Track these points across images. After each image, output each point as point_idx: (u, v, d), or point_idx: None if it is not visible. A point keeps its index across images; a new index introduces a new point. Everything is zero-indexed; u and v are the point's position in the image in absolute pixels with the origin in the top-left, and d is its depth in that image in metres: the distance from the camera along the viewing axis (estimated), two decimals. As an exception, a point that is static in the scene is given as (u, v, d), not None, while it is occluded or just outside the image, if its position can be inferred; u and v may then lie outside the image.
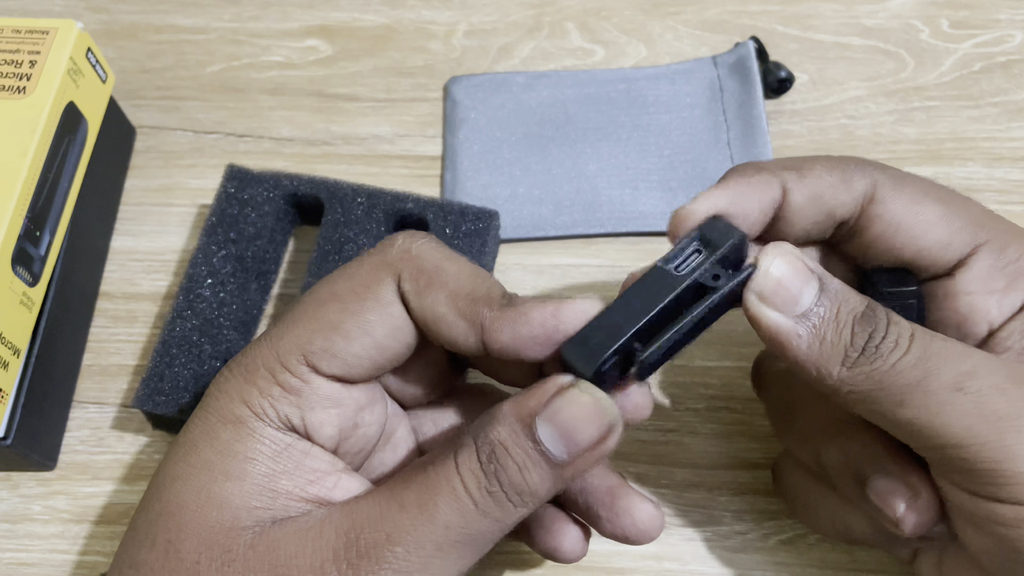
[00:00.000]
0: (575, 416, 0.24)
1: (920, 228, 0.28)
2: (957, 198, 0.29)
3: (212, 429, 0.26)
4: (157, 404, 0.35)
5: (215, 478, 0.25)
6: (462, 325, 0.26)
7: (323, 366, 0.26)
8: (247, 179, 0.40)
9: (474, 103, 0.45)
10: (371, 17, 0.48)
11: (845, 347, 0.25)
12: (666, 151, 0.43)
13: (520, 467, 0.24)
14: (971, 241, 0.28)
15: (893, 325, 0.25)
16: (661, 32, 0.47)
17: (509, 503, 0.24)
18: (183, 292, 0.38)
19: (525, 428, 0.24)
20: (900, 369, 0.25)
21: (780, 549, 0.35)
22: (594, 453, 0.24)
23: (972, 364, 0.25)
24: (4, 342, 0.33)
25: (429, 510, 0.24)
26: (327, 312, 0.26)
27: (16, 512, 0.37)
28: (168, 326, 0.37)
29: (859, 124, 0.44)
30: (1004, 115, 0.44)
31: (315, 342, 0.26)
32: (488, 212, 0.39)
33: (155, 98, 0.46)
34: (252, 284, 0.39)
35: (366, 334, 0.26)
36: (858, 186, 0.29)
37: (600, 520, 0.28)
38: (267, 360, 0.26)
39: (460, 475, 0.24)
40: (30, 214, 0.34)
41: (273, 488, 0.25)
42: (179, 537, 0.25)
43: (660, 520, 0.28)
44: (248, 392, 0.26)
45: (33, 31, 0.37)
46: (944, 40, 0.46)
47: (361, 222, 0.38)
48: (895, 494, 0.28)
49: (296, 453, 0.26)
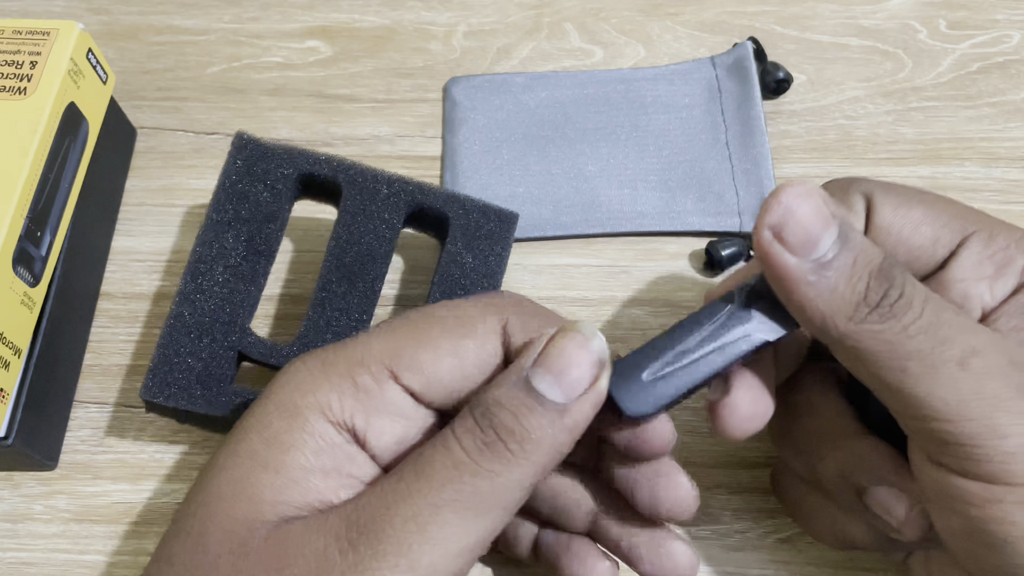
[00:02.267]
0: (565, 354, 0.24)
1: (909, 229, 0.28)
2: (940, 199, 0.29)
3: (266, 418, 0.25)
4: (168, 396, 0.34)
5: (255, 467, 0.25)
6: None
7: (405, 376, 0.26)
8: (258, 151, 0.37)
9: (473, 104, 0.45)
10: (371, 18, 0.48)
11: (857, 301, 0.24)
12: (665, 151, 0.43)
13: (515, 414, 0.24)
14: (959, 233, 0.28)
15: (910, 286, 0.25)
16: (660, 33, 0.48)
17: (508, 452, 0.24)
18: (190, 273, 0.35)
19: (520, 381, 0.24)
20: (911, 333, 0.24)
21: (779, 547, 0.35)
22: (590, 394, 0.24)
23: (979, 341, 0.25)
24: (5, 342, 0.33)
25: (425, 474, 0.23)
26: (426, 330, 0.26)
27: (17, 512, 0.37)
28: (175, 309, 0.35)
29: (857, 124, 0.44)
30: (1001, 115, 0.44)
31: (406, 350, 0.26)
32: (509, 214, 0.38)
33: (156, 99, 0.46)
34: (260, 268, 0.37)
35: (457, 359, 0.26)
36: (859, 207, 0.29)
37: (641, 562, 0.29)
38: (350, 360, 0.26)
39: (455, 437, 0.24)
40: (31, 214, 0.35)
41: (306, 484, 0.25)
42: (208, 529, 0.24)
43: (697, 565, 0.29)
44: (319, 384, 0.26)
45: (34, 32, 0.37)
46: (942, 40, 0.47)
47: (380, 211, 0.37)
48: (895, 502, 0.28)
49: (341, 455, 0.25)
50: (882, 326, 0.24)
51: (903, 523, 0.28)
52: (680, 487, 0.28)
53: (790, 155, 0.44)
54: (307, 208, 0.40)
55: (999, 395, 0.24)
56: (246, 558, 0.24)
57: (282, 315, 0.40)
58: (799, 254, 0.24)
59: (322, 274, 0.36)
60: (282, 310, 0.41)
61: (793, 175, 0.43)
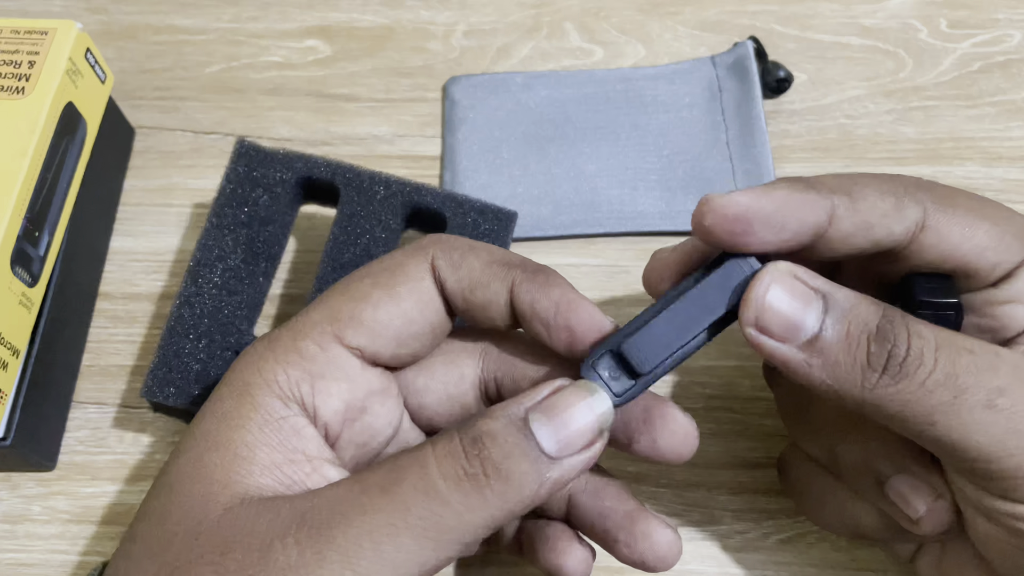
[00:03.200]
0: (573, 412, 0.24)
1: (973, 252, 0.27)
2: (1004, 213, 0.28)
3: (220, 399, 0.26)
4: (167, 395, 0.35)
5: (208, 447, 0.25)
6: (495, 286, 0.26)
7: (348, 335, 0.26)
8: (258, 157, 0.38)
9: (473, 103, 0.45)
10: (370, 17, 0.48)
11: (862, 368, 0.24)
12: (665, 151, 0.43)
13: (506, 454, 0.23)
14: (1019, 255, 0.27)
15: (915, 338, 0.24)
16: (660, 32, 0.47)
17: (487, 491, 0.23)
18: (190, 276, 0.36)
19: (518, 420, 0.24)
20: (929, 388, 0.24)
21: (780, 548, 0.35)
22: (583, 456, 0.24)
23: (1003, 379, 0.24)
24: (3, 342, 0.33)
25: (391, 491, 0.23)
26: (358, 287, 0.27)
27: (16, 512, 0.37)
28: (175, 312, 0.36)
29: (858, 124, 0.44)
30: (1002, 114, 0.44)
31: (343, 310, 0.26)
32: (507, 212, 0.38)
33: (154, 98, 0.46)
34: (261, 271, 0.38)
35: (394, 303, 0.26)
36: (911, 214, 0.26)
37: (617, 544, 0.27)
38: (293, 331, 0.26)
39: (434, 457, 0.23)
40: (29, 214, 0.34)
41: (252, 459, 0.25)
42: (168, 510, 0.25)
43: (679, 546, 0.27)
44: (264, 360, 0.26)
45: (32, 31, 0.37)
46: (943, 40, 0.46)
47: (377, 213, 0.37)
48: (916, 494, 0.28)
49: (286, 428, 0.25)
50: (897, 387, 0.24)
51: (923, 516, 0.28)
52: (660, 535, 0.27)
53: (790, 155, 0.44)
54: (308, 209, 0.40)
55: None
56: (198, 538, 0.24)
57: (282, 315, 0.40)
58: (787, 340, 0.24)
59: (319, 275, 0.37)
60: (283, 310, 0.41)
61: (793, 174, 0.43)
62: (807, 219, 0.26)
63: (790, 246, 0.26)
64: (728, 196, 0.25)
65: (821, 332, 0.24)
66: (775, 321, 0.24)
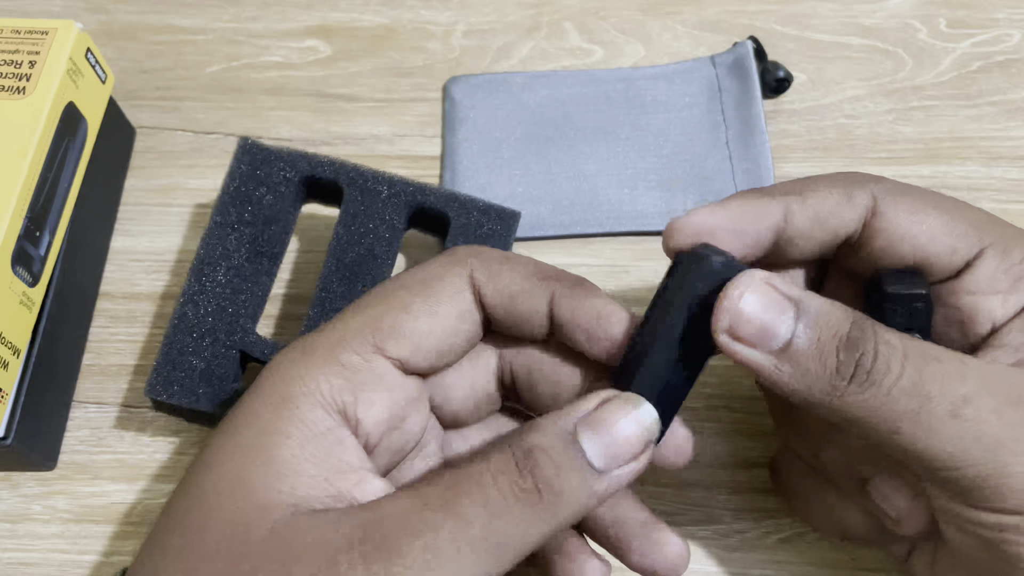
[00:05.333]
0: (621, 427, 0.24)
1: (925, 236, 0.28)
2: (959, 204, 0.29)
3: (255, 412, 0.25)
4: (171, 394, 0.35)
5: (249, 460, 0.25)
6: (536, 297, 0.27)
7: (389, 346, 0.26)
8: (262, 156, 0.38)
9: (473, 103, 0.45)
10: (370, 17, 0.48)
11: (831, 376, 0.24)
12: (665, 151, 0.43)
13: (558, 467, 0.23)
14: (976, 245, 0.28)
15: (883, 346, 0.24)
16: (659, 32, 0.47)
17: (540, 505, 0.23)
18: (194, 274, 0.36)
19: (567, 434, 0.24)
20: (895, 396, 0.24)
21: (779, 547, 0.35)
22: (630, 467, 0.24)
23: (969, 388, 0.24)
24: (4, 342, 0.33)
25: (453, 507, 0.23)
26: (396, 297, 0.27)
27: (16, 512, 0.37)
28: (179, 310, 0.36)
29: (857, 123, 0.44)
30: (1002, 114, 0.44)
31: (383, 321, 0.26)
32: (510, 212, 0.38)
33: (154, 98, 0.46)
34: (264, 269, 0.37)
35: (434, 316, 0.26)
36: (860, 201, 0.28)
37: (631, 552, 0.28)
38: (330, 341, 0.26)
39: (491, 473, 0.23)
40: (30, 214, 0.34)
41: (297, 471, 0.24)
42: (205, 525, 0.24)
43: (688, 555, 0.28)
44: (304, 369, 0.26)
45: (32, 31, 0.37)
46: (942, 39, 0.46)
47: (381, 212, 0.37)
48: (896, 494, 0.28)
49: (330, 440, 0.25)
50: (864, 395, 0.24)
51: (903, 515, 0.28)
52: (673, 545, 0.27)
53: (790, 154, 0.44)
54: (309, 209, 0.40)
55: (999, 436, 0.24)
56: (248, 551, 0.23)
57: (285, 315, 0.40)
58: (759, 347, 0.25)
59: (323, 274, 0.37)
60: (285, 310, 0.41)
61: (793, 174, 0.43)
62: (763, 222, 0.28)
63: (755, 250, 0.28)
64: (687, 216, 0.27)
65: (793, 339, 0.25)
66: (748, 328, 0.25)
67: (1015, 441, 0.24)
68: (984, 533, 0.25)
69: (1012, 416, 0.24)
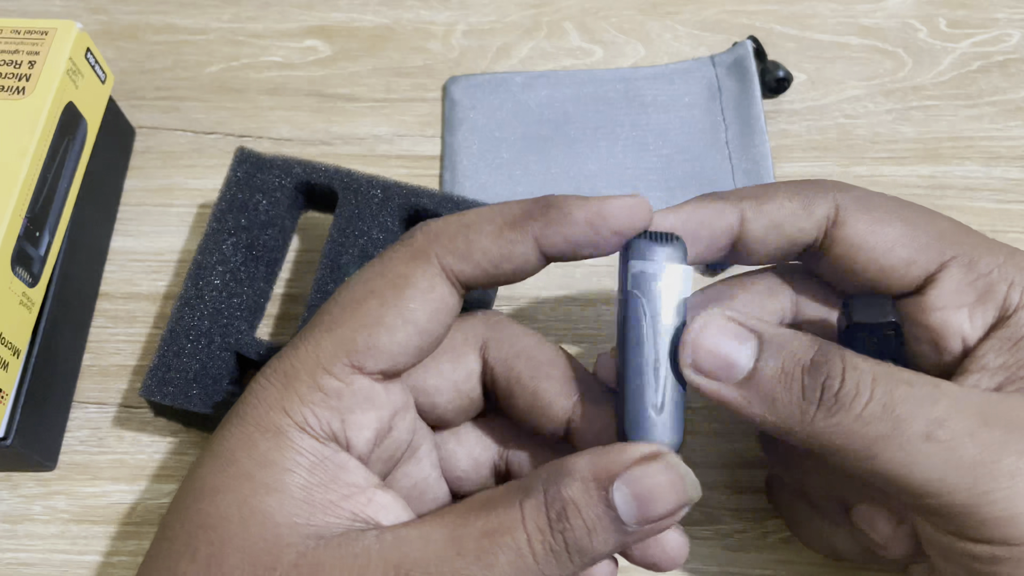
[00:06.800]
0: (659, 487, 0.24)
1: (882, 248, 0.28)
2: (924, 215, 0.28)
3: (250, 439, 0.25)
4: (165, 395, 0.35)
5: (256, 490, 0.24)
6: (519, 249, 0.26)
7: (368, 364, 0.26)
8: (258, 164, 0.39)
9: (473, 103, 0.45)
10: (370, 17, 0.48)
11: (798, 402, 0.24)
12: (665, 151, 0.43)
13: (589, 529, 0.23)
14: (937, 257, 0.27)
15: (851, 370, 0.24)
16: (659, 32, 0.47)
17: (569, 563, 0.23)
18: (191, 279, 0.37)
19: (600, 489, 0.23)
20: (867, 420, 0.24)
21: (779, 547, 0.35)
22: (661, 525, 0.24)
23: (942, 410, 0.24)
24: (4, 342, 0.33)
25: (488, 561, 0.23)
26: (367, 309, 0.26)
27: (16, 512, 0.37)
28: (176, 313, 0.36)
29: (857, 123, 0.44)
30: (1002, 114, 0.44)
31: (358, 340, 0.25)
32: None
33: (154, 98, 0.46)
34: (261, 273, 0.38)
35: (408, 323, 0.26)
36: (819, 211, 0.28)
37: (631, 548, 0.28)
38: (308, 365, 0.26)
39: (526, 529, 0.23)
40: (29, 214, 0.34)
41: (310, 501, 0.25)
42: (222, 551, 0.24)
43: (687, 546, 0.28)
44: (289, 400, 0.25)
45: (32, 31, 0.37)
46: (942, 39, 0.46)
47: (375, 215, 0.38)
48: (880, 520, 0.28)
49: (332, 467, 0.25)
50: (834, 419, 0.24)
51: (887, 540, 0.28)
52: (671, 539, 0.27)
53: (790, 154, 0.44)
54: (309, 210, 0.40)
55: (976, 460, 0.24)
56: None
57: (284, 315, 0.40)
58: (724, 379, 0.25)
59: (317, 276, 0.37)
60: (284, 310, 0.41)
61: (793, 174, 0.43)
62: (716, 225, 0.28)
63: (711, 253, 0.28)
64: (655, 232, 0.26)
65: (756, 369, 0.25)
66: (710, 361, 0.25)
67: (994, 463, 0.24)
68: (977, 567, 0.25)
69: (988, 437, 0.24)
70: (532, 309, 0.40)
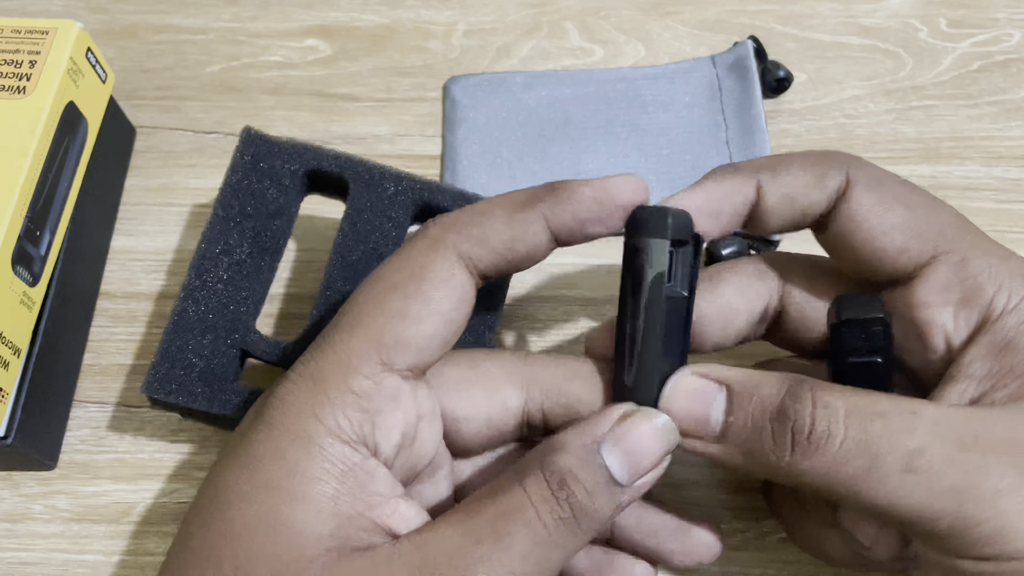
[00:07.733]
0: (641, 440, 0.25)
1: (879, 229, 0.28)
2: (928, 203, 0.28)
3: (279, 447, 0.25)
4: (168, 392, 0.34)
5: (283, 500, 0.24)
6: (532, 230, 0.26)
7: (397, 360, 0.26)
8: (265, 147, 0.37)
9: (473, 103, 0.45)
10: (370, 17, 0.48)
11: (771, 450, 0.25)
12: (665, 150, 0.43)
13: (589, 492, 0.24)
14: (930, 250, 0.27)
15: (821, 410, 0.24)
16: (660, 32, 0.47)
17: (578, 528, 0.24)
18: (195, 269, 0.35)
19: (591, 453, 0.24)
20: (843, 459, 0.24)
21: (779, 547, 0.35)
22: (650, 476, 0.25)
23: (919, 440, 0.24)
24: (4, 342, 0.33)
25: (505, 541, 0.24)
26: (391, 303, 0.26)
27: (17, 511, 0.37)
28: (179, 306, 0.35)
29: (857, 123, 0.44)
30: (1002, 114, 0.44)
31: (386, 336, 0.25)
32: None
33: (155, 98, 0.46)
34: (267, 266, 0.37)
35: (434, 312, 0.26)
36: (831, 184, 0.28)
37: (673, 555, 0.30)
38: (337, 366, 0.25)
39: (533, 504, 0.24)
40: (30, 214, 0.34)
41: (336, 511, 0.24)
42: (248, 563, 0.24)
43: (721, 537, 0.30)
44: (320, 404, 0.25)
45: (33, 31, 0.37)
46: (942, 39, 0.46)
47: (387, 209, 0.37)
48: (865, 522, 0.28)
49: (361, 474, 0.25)
50: (811, 461, 0.24)
51: (873, 542, 0.28)
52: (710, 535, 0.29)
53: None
54: (310, 207, 0.40)
55: (958, 485, 0.24)
56: None
57: (284, 314, 0.40)
58: (699, 436, 0.26)
59: (327, 272, 0.36)
60: (284, 309, 0.41)
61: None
62: (736, 199, 0.28)
63: (732, 227, 0.29)
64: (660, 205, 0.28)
65: (727, 424, 0.26)
66: (684, 422, 0.26)
67: (975, 487, 0.24)
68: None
69: (967, 461, 0.24)
70: (533, 309, 0.40)
